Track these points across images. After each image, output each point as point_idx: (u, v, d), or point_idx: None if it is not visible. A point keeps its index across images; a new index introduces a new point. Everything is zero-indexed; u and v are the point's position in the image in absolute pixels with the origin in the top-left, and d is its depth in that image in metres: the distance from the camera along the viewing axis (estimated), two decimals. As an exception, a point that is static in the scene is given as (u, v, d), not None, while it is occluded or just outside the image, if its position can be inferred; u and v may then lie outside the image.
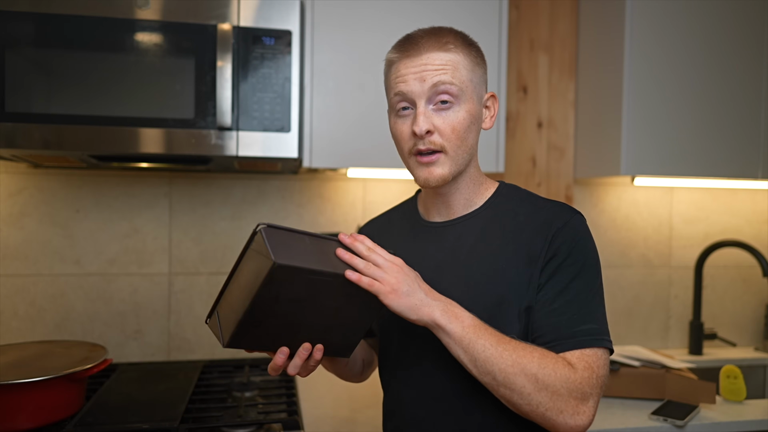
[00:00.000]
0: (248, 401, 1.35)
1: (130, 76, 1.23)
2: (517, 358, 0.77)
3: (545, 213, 0.89)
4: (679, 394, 1.44)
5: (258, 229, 0.73)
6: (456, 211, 0.94)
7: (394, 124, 0.90)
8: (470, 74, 0.87)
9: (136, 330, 1.65)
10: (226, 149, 1.27)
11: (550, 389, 0.76)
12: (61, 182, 1.60)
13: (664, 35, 1.62)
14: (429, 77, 0.84)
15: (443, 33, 0.87)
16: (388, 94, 0.91)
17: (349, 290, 0.79)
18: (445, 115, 0.85)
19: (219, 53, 1.24)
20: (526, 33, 1.87)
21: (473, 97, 0.87)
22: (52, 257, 1.60)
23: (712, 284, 2.03)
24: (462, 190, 0.93)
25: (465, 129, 0.86)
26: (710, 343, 1.99)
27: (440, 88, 0.84)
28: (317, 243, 0.78)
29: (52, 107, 1.20)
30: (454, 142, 0.86)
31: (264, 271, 0.71)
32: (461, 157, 0.87)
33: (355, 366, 1.04)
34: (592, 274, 0.88)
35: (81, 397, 1.23)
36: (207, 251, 1.69)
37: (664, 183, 1.83)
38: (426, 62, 0.84)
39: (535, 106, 1.89)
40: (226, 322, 0.78)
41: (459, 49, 0.86)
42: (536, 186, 1.89)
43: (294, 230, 0.77)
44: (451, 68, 0.84)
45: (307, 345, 0.82)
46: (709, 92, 1.65)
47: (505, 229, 0.90)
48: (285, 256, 0.72)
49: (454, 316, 0.79)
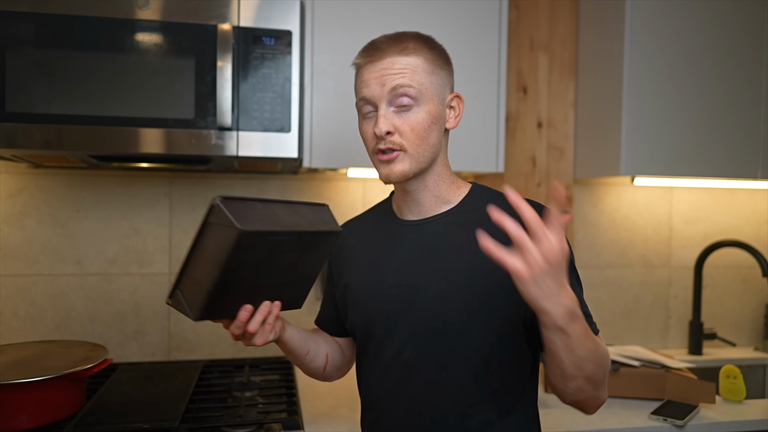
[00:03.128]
0: (248, 401, 1.36)
1: (130, 77, 1.23)
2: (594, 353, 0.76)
3: None
4: (678, 394, 1.44)
5: (215, 202, 0.76)
6: (429, 209, 0.96)
7: (360, 124, 0.95)
8: (430, 77, 0.90)
9: (136, 330, 1.65)
10: (226, 149, 1.27)
11: (602, 375, 0.81)
12: (62, 182, 1.60)
13: (663, 36, 1.63)
14: (388, 81, 0.88)
15: (404, 38, 0.91)
16: (355, 96, 0.95)
17: (302, 245, 0.86)
18: (405, 116, 0.89)
19: (219, 53, 1.24)
20: (526, 33, 1.87)
21: (434, 99, 0.91)
22: (53, 257, 1.60)
23: (711, 284, 2.03)
24: (431, 188, 0.95)
25: (425, 129, 0.90)
26: (710, 343, 1.99)
27: (399, 90, 0.88)
28: (267, 206, 0.83)
29: (52, 107, 1.20)
30: (413, 141, 0.89)
31: (230, 240, 0.75)
32: (422, 155, 0.91)
33: (317, 359, 1.05)
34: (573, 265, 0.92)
35: (81, 397, 1.24)
36: (207, 251, 1.68)
37: (664, 183, 1.83)
38: (386, 66, 0.88)
39: (535, 106, 1.89)
40: (193, 297, 0.82)
41: (419, 53, 0.90)
42: (536, 186, 1.89)
43: (246, 198, 0.80)
44: (409, 71, 0.88)
45: (266, 303, 0.87)
46: (708, 92, 1.66)
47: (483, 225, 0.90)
48: (248, 223, 0.76)
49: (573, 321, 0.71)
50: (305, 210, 0.89)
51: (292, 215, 0.85)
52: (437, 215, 0.96)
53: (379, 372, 0.97)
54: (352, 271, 1.02)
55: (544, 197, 1.88)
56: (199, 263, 0.81)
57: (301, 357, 1.02)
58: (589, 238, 1.92)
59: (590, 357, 0.75)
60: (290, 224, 0.83)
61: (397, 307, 0.93)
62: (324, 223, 0.90)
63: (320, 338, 1.09)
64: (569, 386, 0.79)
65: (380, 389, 0.97)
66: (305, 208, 0.89)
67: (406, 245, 0.96)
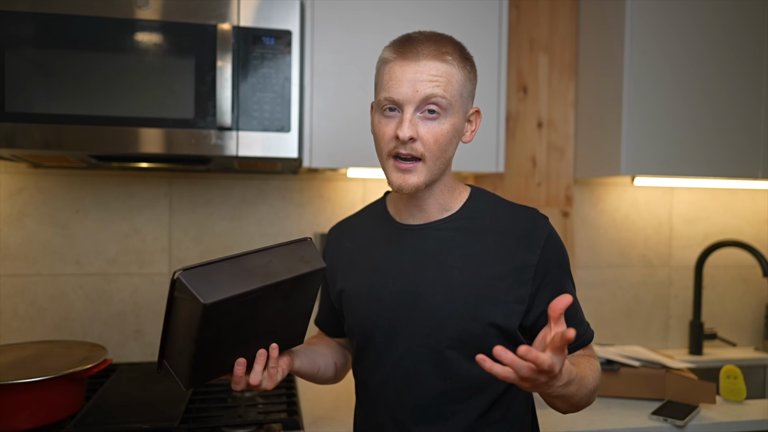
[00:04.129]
0: (248, 401, 1.36)
1: (130, 76, 1.23)
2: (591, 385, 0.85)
3: (524, 221, 0.92)
4: (679, 394, 1.44)
5: (176, 277, 0.73)
6: (431, 214, 0.95)
7: (377, 123, 0.90)
8: (461, 89, 0.88)
9: (136, 330, 1.65)
10: (226, 149, 1.27)
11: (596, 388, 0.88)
12: (61, 182, 1.60)
13: (664, 35, 1.62)
14: (422, 88, 0.84)
15: (443, 42, 0.87)
16: (377, 91, 0.91)
17: (284, 292, 0.82)
18: (430, 125, 0.86)
19: (219, 53, 1.24)
20: (526, 33, 1.87)
21: (459, 111, 0.88)
22: (52, 257, 1.60)
23: (712, 284, 2.03)
24: (436, 196, 0.94)
25: (447, 141, 0.87)
26: (710, 343, 1.99)
27: (431, 99, 0.85)
28: (237, 263, 0.79)
29: (52, 107, 1.20)
30: (434, 152, 0.87)
31: (197, 313, 0.72)
32: (438, 167, 0.89)
33: (327, 371, 1.05)
34: (570, 272, 0.96)
35: (81, 397, 1.23)
36: (207, 251, 1.68)
37: (664, 183, 1.83)
38: (422, 70, 0.84)
39: (535, 106, 1.89)
40: (179, 368, 0.80)
41: (455, 62, 0.87)
42: (536, 186, 1.89)
43: (210, 262, 0.77)
44: (444, 81, 0.85)
45: (262, 351, 0.84)
46: (709, 92, 1.65)
47: (486, 232, 0.92)
48: (212, 293, 0.72)
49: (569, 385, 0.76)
50: (282, 252, 0.84)
51: (267, 264, 0.81)
52: (438, 221, 0.94)
53: (379, 379, 0.95)
54: (348, 276, 1.00)
55: (544, 197, 1.89)
56: (176, 336, 0.78)
57: (312, 377, 1.01)
58: (590, 238, 1.92)
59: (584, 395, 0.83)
60: (264, 277, 0.79)
61: (398, 314, 0.92)
62: (304, 262, 0.85)
63: (325, 348, 1.08)
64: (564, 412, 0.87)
65: (380, 398, 0.96)
66: (282, 250, 0.84)
67: (408, 250, 0.94)
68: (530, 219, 0.92)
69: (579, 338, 0.92)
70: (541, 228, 0.91)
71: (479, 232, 0.92)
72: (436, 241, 0.93)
